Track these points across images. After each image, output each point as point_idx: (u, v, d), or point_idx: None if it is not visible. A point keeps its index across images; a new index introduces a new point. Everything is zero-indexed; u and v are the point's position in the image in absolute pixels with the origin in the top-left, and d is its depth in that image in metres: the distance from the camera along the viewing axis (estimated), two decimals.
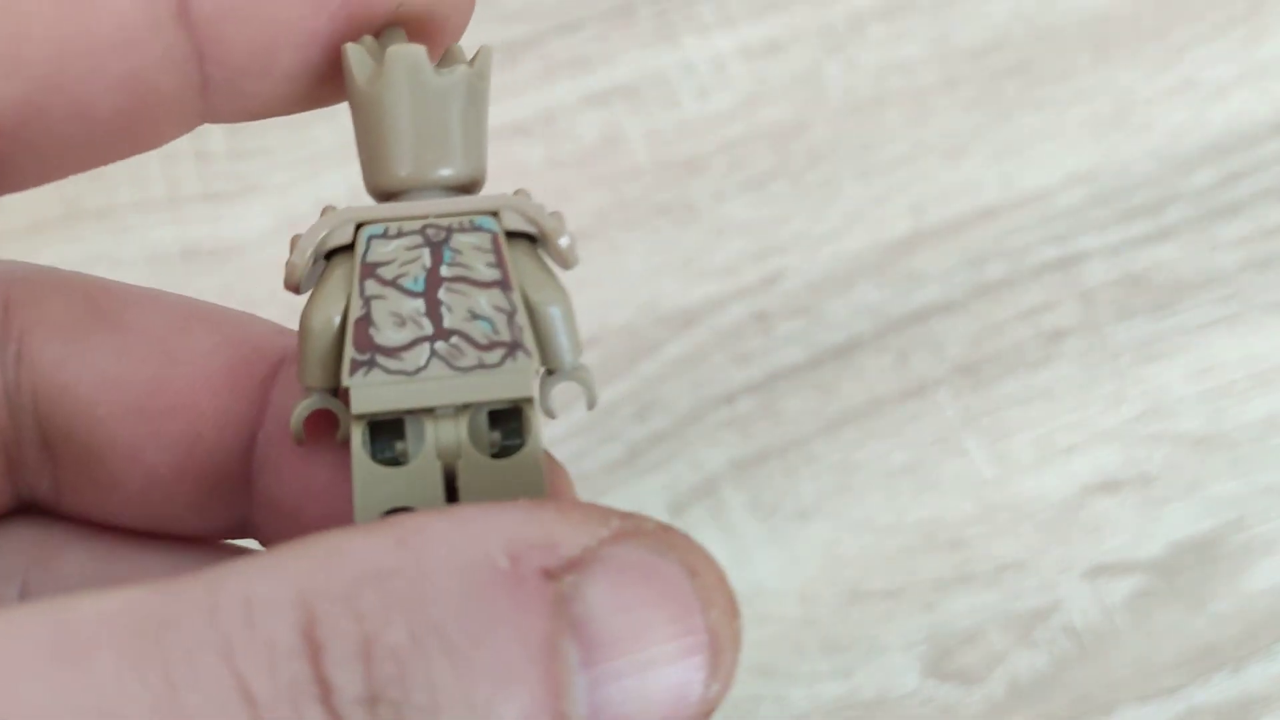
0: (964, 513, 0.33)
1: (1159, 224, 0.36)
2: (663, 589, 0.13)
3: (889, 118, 0.37)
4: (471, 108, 0.16)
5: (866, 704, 0.31)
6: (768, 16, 0.38)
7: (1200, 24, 0.38)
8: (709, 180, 0.36)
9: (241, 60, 0.16)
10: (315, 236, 0.16)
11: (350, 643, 0.11)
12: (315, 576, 0.12)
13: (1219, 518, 0.33)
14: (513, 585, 0.12)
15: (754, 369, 0.34)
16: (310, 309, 0.16)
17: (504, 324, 0.15)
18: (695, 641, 0.13)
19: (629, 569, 0.13)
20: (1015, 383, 0.34)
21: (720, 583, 0.13)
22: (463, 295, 0.15)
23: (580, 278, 0.35)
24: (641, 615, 0.12)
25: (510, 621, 0.12)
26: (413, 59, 0.15)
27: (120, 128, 0.16)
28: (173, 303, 0.18)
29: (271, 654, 0.11)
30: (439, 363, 0.15)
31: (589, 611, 0.12)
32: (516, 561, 0.12)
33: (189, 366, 0.17)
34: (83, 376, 0.17)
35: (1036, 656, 0.32)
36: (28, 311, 0.17)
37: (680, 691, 0.13)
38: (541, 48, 0.38)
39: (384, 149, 0.16)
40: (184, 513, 0.18)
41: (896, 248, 0.36)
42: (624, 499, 0.33)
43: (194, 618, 0.11)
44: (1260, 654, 0.32)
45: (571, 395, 0.17)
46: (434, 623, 0.12)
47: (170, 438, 0.17)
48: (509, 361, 0.15)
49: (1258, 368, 0.34)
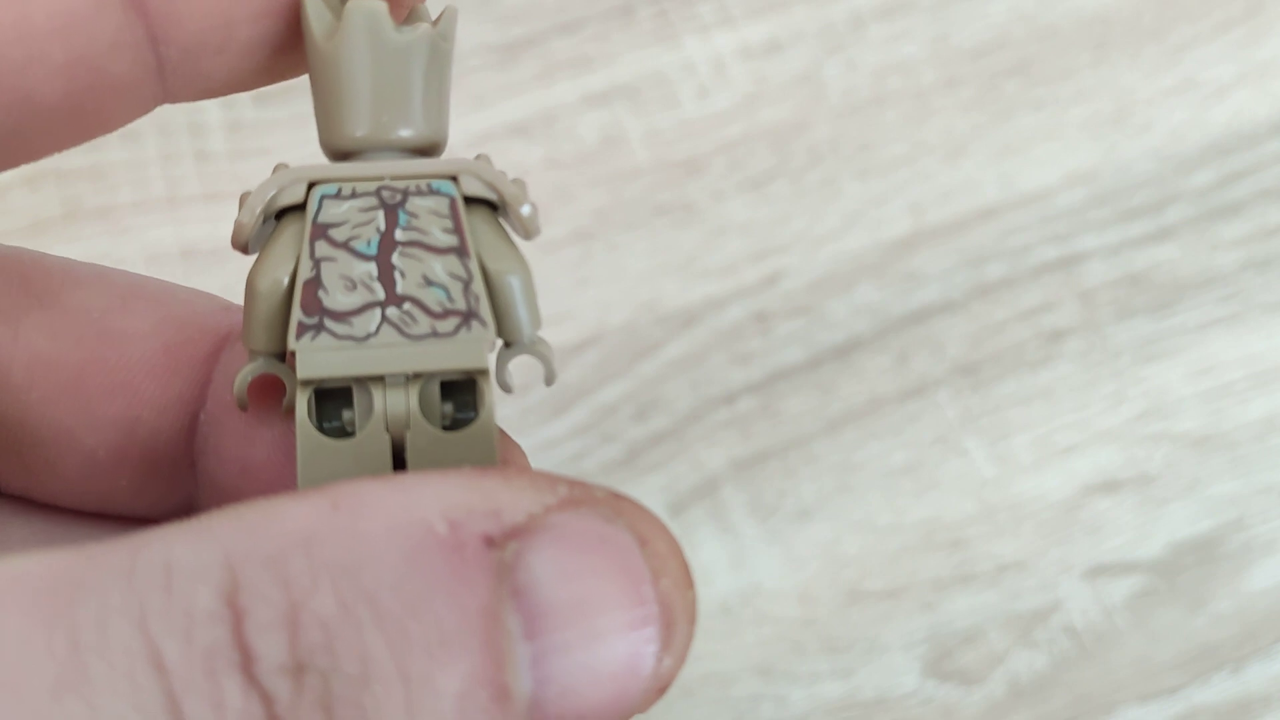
0: (964, 513, 0.33)
1: (1159, 224, 0.36)
2: (611, 557, 0.12)
3: (889, 118, 0.37)
4: (433, 68, 0.15)
5: (866, 704, 0.31)
6: (768, 16, 0.38)
7: (1200, 24, 0.38)
8: (709, 180, 0.36)
9: (196, 38, 0.15)
10: (265, 194, 0.15)
11: (275, 609, 0.11)
12: (241, 541, 0.11)
13: (1219, 518, 0.33)
14: (451, 552, 0.11)
15: (754, 369, 0.34)
16: (257, 269, 0.15)
17: (459, 292, 0.14)
18: (646, 613, 0.12)
19: (576, 537, 0.12)
20: (1015, 383, 0.34)
21: (672, 551, 0.13)
22: (417, 260, 0.14)
23: (580, 278, 0.35)
24: (589, 584, 0.12)
25: (448, 590, 0.11)
26: (372, 14, 0.15)
27: (69, 113, 0.15)
28: (114, 280, 0.17)
29: (189, 620, 0.11)
30: (390, 329, 0.14)
31: (533, 580, 0.12)
32: (456, 528, 0.11)
33: (127, 346, 0.17)
34: (15, 358, 0.16)
35: (1036, 656, 0.32)
36: None
37: (630, 664, 0.12)
38: (541, 48, 0.38)
39: (340, 107, 0.15)
40: (124, 495, 0.17)
41: (896, 248, 0.36)
42: None
43: (110, 581, 0.11)
44: (1260, 654, 0.32)
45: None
46: (366, 590, 0.11)
47: (107, 420, 0.17)
48: (463, 331, 0.14)
49: (1258, 368, 0.34)
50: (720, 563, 0.33)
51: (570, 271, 0.35)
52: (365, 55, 0.15)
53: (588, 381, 0.34)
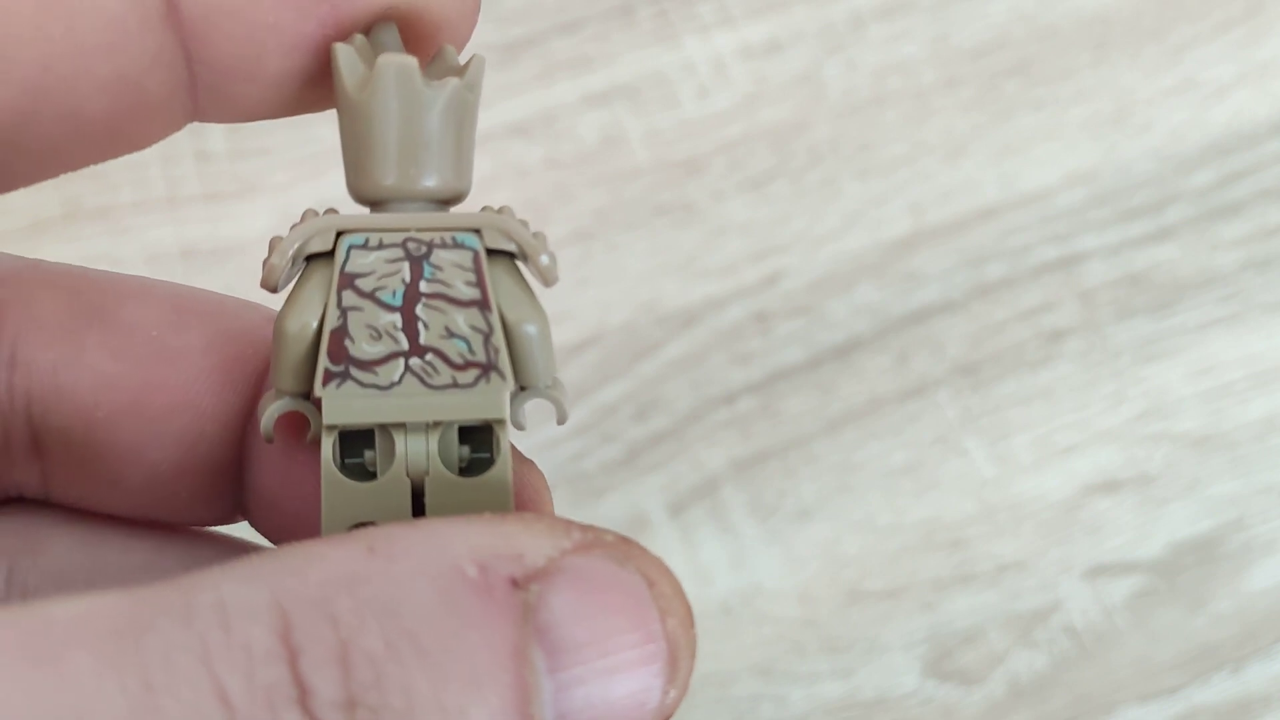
0: (964, 513, 0.33)
1: (1159, 224, 0.36)
2: (623, 598, 0.13)
3: (889, 118, 0.37)
4: (459, 121, 0.16)
5: (866, 704, 0.31)
6: (768, 16, 0.38)
7: (1200, 24, 0.38)
8: (709, 180, 0.36)
9: (229, 63, 0.15)
10: (295, 241, 0.15)
11: (327, 648, 0.12)
12: (288, 582, 0.12)
13: (1219, 518, 0.33)
14: (482, 593, 0.12)
15: (754, 369, 0.34)
16: (286, 313, 0.15)
17: (480, 344, 0.15)
18: (655, 649, 0.13)
19: (591, 578, 0.13)
20: (1015, 383, 0.34)
21: (676, 592, 0.14)
22: (440, 312, 0.15)
23: (580, 278, 0.35)
24: (604, 623, 0.13)
25: (481, 628, 0.12)
26: (403, 69, 0.15)
27: (109, 128, 0.16)
28: (162, 293, 0.18)
29: (248, 658, 0.11)
30: (413, 379, 0.15)
31: (554, 619, 0.13)
32: (485, 571, 0.12)
33: (186, 363, 0.17)
34: (81, 379, 0.17)
35: (1036, 656, 0.32)
36: (18, 313, 0.17)
37: (640, 697, 0.13)
38: (541, 48, 0.38)
39: (369, 157, 0.15)
40: (182, 505, 0.18)
41: (896, 248, 0.36)
42: (624, 499, 0.33)
43: (170, 621, 0.11)
44: (1260, 654, 0.32)
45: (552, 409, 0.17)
46: (408, 629, 0.12)
47: (171, 436, 0.17)
48: (482, 383, 0.15)
49: (1258, 368, 0.34)
50: (720, 563, 0.33)
51: (570, 271, 0.35)
52: (395, 108, 0.15)
53: (588, 381, 0.34)
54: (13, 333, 0.17)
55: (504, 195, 0.36)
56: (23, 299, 0.17)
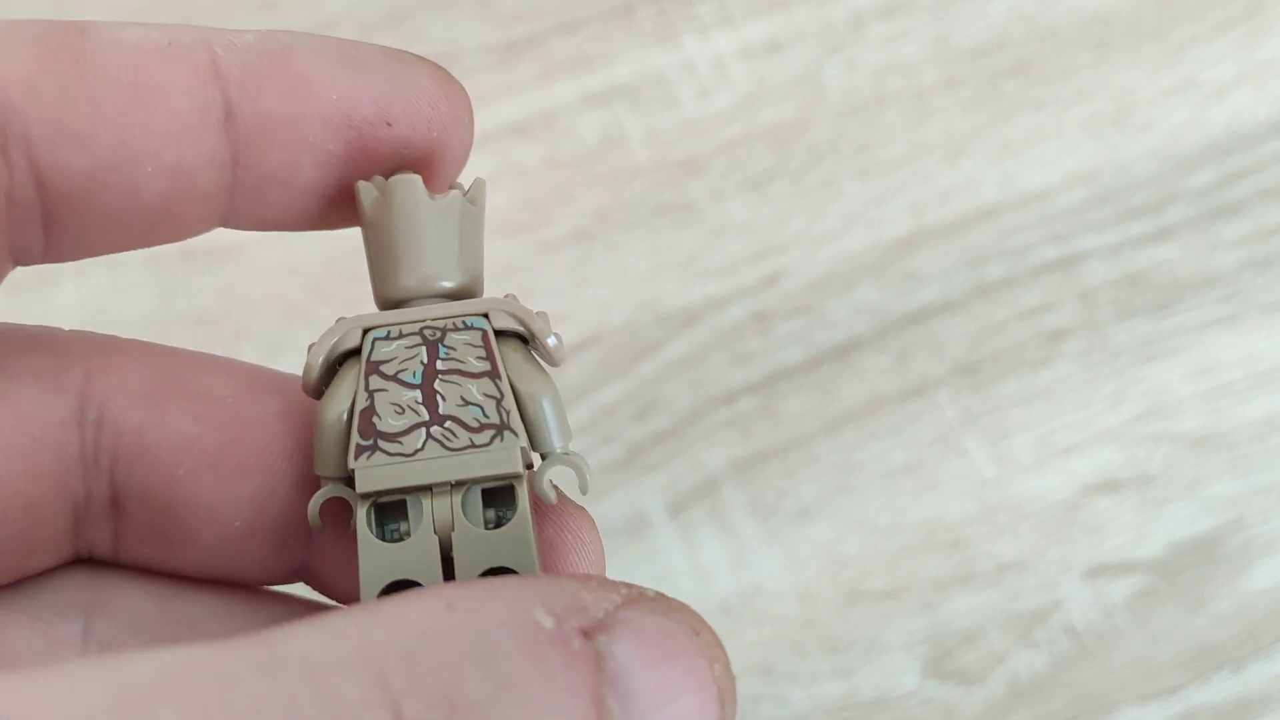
0: (964, 513, 0.33)
1: (1159, 224, 0.36)
2: (677, 646, 0.14)
3: (889, 118, 0.37)
4: (464, 226, 0.18)
5: (866, 704, 0.31)
6: (768, 16, 0.38)
7: (1200, 24, 0.38)
8: (709, 180, 0.36)
9: (270, 169, 0.18)
10: (328, 343, 0.17)
11: (430, 695, 0.12)
12: (375, 637, 0.13)
13: (1219, 518, 0.33)
14: (559, 644, 0.13)
15: (754, 369, 0.34)
16: (323, 406, 0.17)
17: (493, 408, 0.17)
18: (709, 694, 0.14)
19: (647, 629, 0.14)
20: (1015, 383, 0.34)
21: (717, 640, 0.15)
22: (456, 385, 0.17)
23: (580, 278, 0.35)
24: (664, 670, 0.14)
25: (564, 675, 0.13)
26: (410, 185, 0.17)
27: (160, 214, 0.18)
28: (238, 368, 0.20)
29: (342, 707, 0.12)
30: (434, 444, 0.17)
31: (620, 668, 0.14)
32: (560, 622, 0.13)
33: (261, 429, 0.19)
34: (164, 440, 0.19)
35: (1036, 656, 0.32)
36: (106, 380, 0.19)
37: None
38: (541, 48, 0.38)
39: (388, 264, 0.18)
40: (250, 564, 0.19)
41: (896, 248, 0.36)
42: (624, 499, 0.33)
43: (254, 674, 0.12)
44: (1260, 654, 0.32)
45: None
46: (503, 676, 0.13)
47: (245, 495, 0.19)
48: (497, 441, 0.17)
49: (1258, 368, 0.34)
50: (720, 563, 0.33)
51: (570, 271, 0.35)
52: (406, 219, 0.17)
53: (588, 381, 0.34)
54: (100, 397, 0.19)
55: (504, 195, 0.36)
56: (110, 367, 0.19)
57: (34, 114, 0.16)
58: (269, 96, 0.17)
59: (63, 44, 0.17)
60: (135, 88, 0.17)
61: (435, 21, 0.38)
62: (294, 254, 0.35)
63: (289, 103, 0.17)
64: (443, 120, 0.18)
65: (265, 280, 0.35)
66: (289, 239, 0.35)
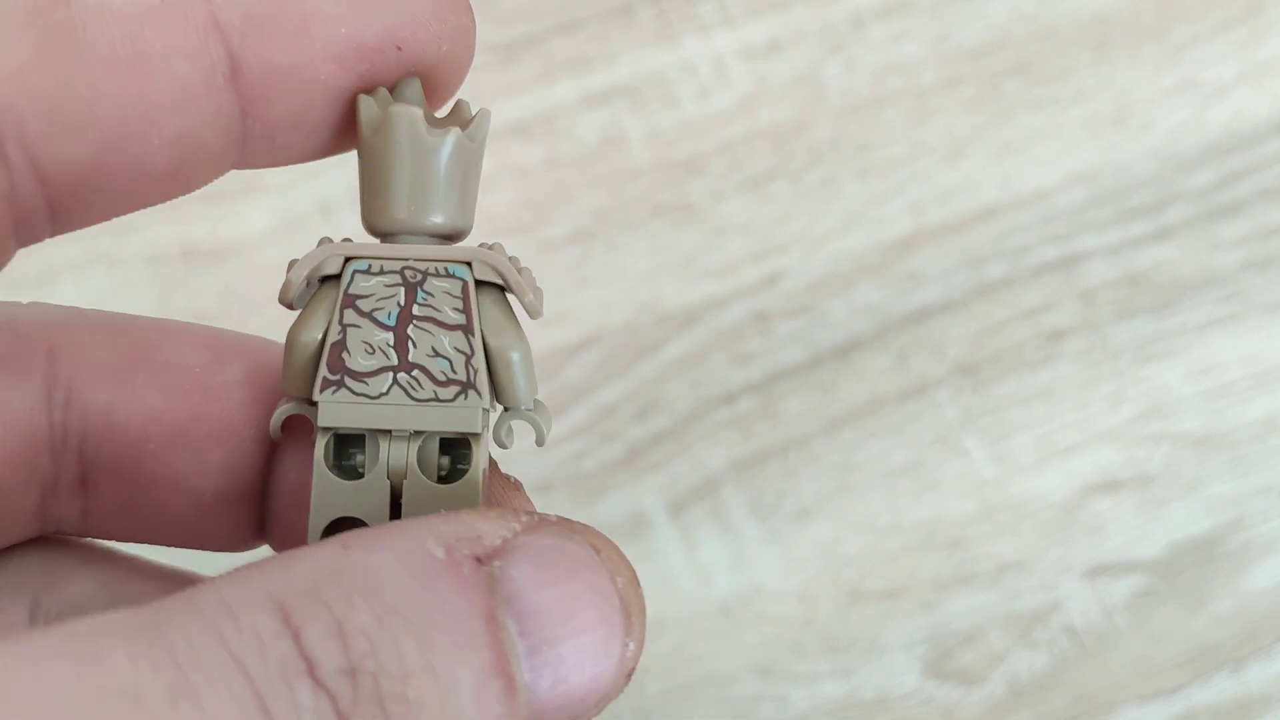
0: (964, 513, 0.33)
1: (1159, 224, 0.36)
2: (576, 564, 0.15)
3: (889, 118, 0.37)
4: (461, 165, 0.18)
5: (866, 704, 0.31)
6: (768, 16, 0.38)
7: (1200, 24, 0.38)
8: (709, 180, 0.36)
9: (280, 116, 0.17)
10: (310, 264, 0.17)
11: (324, 625, 0.13)
12: (278, 580, 0.13)
13: (1219, 518, 0.33)
14: (451, 570, 0.14)
15: (754, 369, 0.34)
16: (296, 326, 0.17)
17: (461, 365, 0.17)
18: (610, 606, 0.15)
19: (544, 551, 0.15)
20: (1015, 383, 0.34)
21: (621, 556, 0.16)
22: (428, 334, 0.17)
23: (580, 278, 0.35)
24: (562, 589, 0.15)
25: (455, 600, 0.14)
26: (411, 117, 0.17)
27: (170, 175, 0.17)
28: (197, 334, 0.20)
29: (258, 638, 0.13)
30: (399, 391, 0.17)
31: (517, 589, 0.14)
32: (450, 551, 0.14)
33: (227, 397, 0.19)
34: (133, 416, 0.19)
35: (1036, 656, 0.32)
36: (72, 357, 0.19)
37: (604, 650, 0.15)
38: (541, 48, 0.38)
39: (379, 193, 0.17)
40: (220, 531, 0.20)
41: (896, 248, 0.36)
42: (624, 499, 0.33)
43: (185, 617, 0.13)
44: (1260, 654, 0.32)
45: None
46: (392, 605, 0.13)
47: (214, 465, 0.19)
48: (460, 399, 0.17)
49: (1258, 368, 0.34)
50: (720, 563, 0.33)
51: (570, 271, 0.35)
52: (403, 153, 0.17)
53: (588, 381, 0.34)
54: (67, 377, 0.18)
55: (504, 195, 0.36)
56: (74, 344, 0.19)
57: (29, 107, 0.16)
58: (274, 43, 0.17)
59: (50, 20, 0.16)
60: (131, 58, 0.16)
61: None
62: (294, 254, 0.35)
63: (296, 46, 0.17)
64: (451, 33, 0.18)
65: (265, 280, 0.35)
66: (289, 240, 0.35)
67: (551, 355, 0.34)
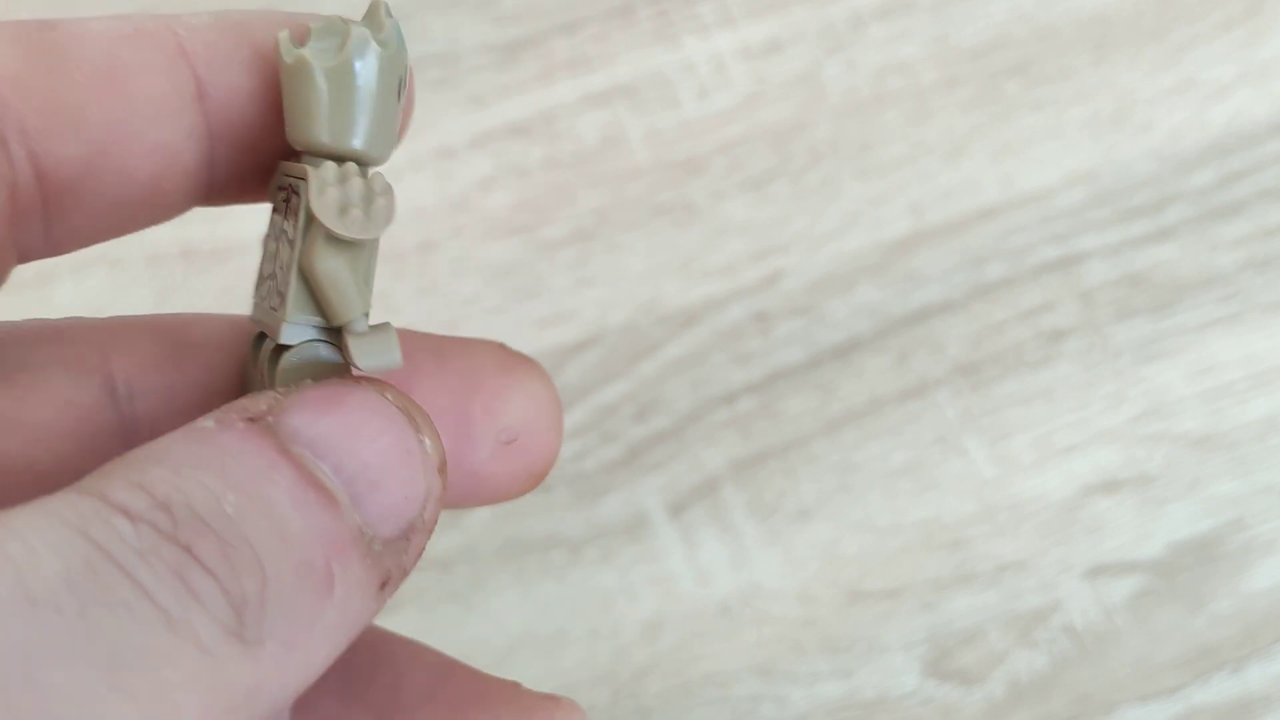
0: (964, 513, 0.33)
1: (1159, 224, 0.36)
2: (341, 394, 0.16)
3: (889, 118, 0.37)
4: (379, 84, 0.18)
5: (866, 704, 0.31)
6: (768, 16, 0.38)
7: (1200, 24, 0.38)
8: (709, 180, 0.36)
9: (244, 139, 0.18)
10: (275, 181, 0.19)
11: (125, 483, 0.14)
12: (101, 473, 0.15)
13: (1219, 518, 0.33)
14: (225, 429, 0.15)
15: (754, 369, 0.34)
16: None
17: (283, 278, 0.18)
18: (389, 414, 0.16)
19: (309, 398, 0.16)
20: (1015, 383, 0.34)
21: (384, 382, 0.17)
22: (279, 247, 0.18)
23: (580, 278, 0.35)
24: (337, 415, 0.16)
25: (240, 445, 0.15)
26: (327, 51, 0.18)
27: (151, 194, 0.19)
28: (211, 318, 0.21)
29: (70, 505, 0.14)
30: (266, 296, 0.18)
31: (296, 429, 0.16)
32: (220, 420, 0.15)
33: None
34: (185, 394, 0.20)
35: (1036, 656, 0.32)
36: (122, 357, 0.20)
37: (403, 449, 0.16)
38: (541, 48, 0.38)
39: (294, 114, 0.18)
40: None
41: (896, 248, 0.36)
42: (624, 499, 0.33)
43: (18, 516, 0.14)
44: (1260, 654, 0.32)
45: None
46: (180, 461, 0.15)
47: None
48: (280, 310, 0.18)
49: (1258, 368, 0.34)
50: (720, 563, 0.33)
51: (570, 271, 0.35)
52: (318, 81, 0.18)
53: (588, 381, 0.34)
54: (125, 374, 0.20)
55: (504, 195, 0.36)
56: (119, 344, 0.20)
57: (27, 106, 0.17)
58: (234, 70, 0.18)
59: (38, 39, 0.17)
60: (113, 71, 0.18)
61: (436, 21, 0.38)
62: None
63: (253, 74, 0.18)
64: None
65: None
66: None
67: (551, 355, 0.34)
